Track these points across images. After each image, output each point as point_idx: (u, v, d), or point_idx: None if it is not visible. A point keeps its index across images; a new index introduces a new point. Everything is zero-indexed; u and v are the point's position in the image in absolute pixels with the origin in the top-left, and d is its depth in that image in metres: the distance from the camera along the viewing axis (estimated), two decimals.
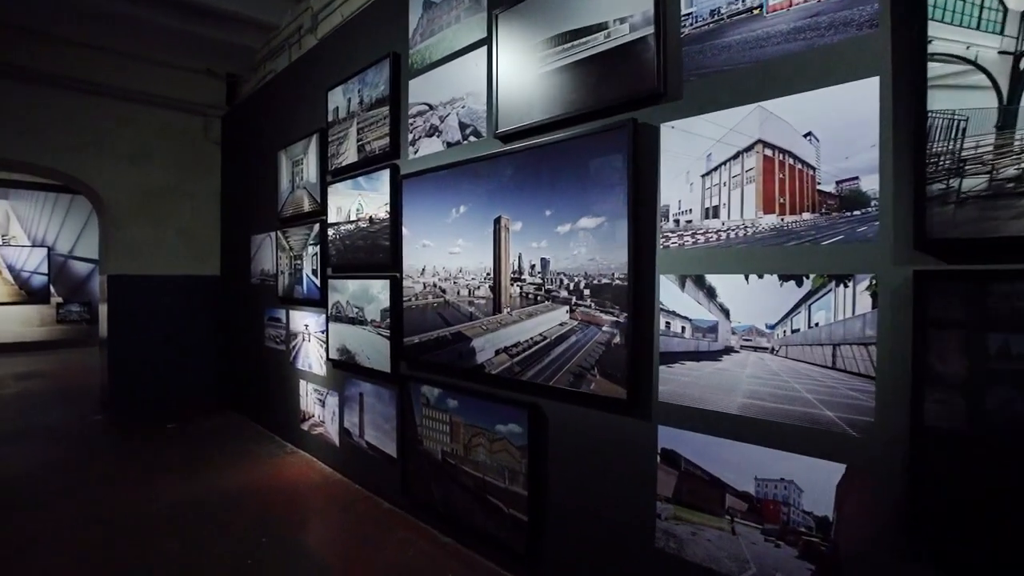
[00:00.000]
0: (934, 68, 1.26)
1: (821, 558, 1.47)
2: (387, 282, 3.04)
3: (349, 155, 3.39)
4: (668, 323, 1.81)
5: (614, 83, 1.93)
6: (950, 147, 1.24)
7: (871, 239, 1.39)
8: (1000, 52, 1.19)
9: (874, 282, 1.38)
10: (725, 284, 1.67)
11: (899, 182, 1.35)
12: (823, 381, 1.47)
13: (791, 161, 1.53)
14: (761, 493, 1.59)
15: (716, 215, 1.69)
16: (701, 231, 1.72)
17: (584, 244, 2.02)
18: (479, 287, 2.48)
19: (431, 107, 2.79)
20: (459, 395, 2.59)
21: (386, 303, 3.06)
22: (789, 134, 1.53)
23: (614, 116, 1.94)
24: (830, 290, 1.46)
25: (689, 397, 1.75)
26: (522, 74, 2.26)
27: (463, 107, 2.60)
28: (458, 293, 2.59)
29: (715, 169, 1.69)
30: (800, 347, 1.52)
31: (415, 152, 2.89)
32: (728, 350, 1.67)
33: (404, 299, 2.92)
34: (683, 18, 1.76)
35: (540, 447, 2.23)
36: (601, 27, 1.96)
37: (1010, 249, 1.18)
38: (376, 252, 3.14)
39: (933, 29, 1.26)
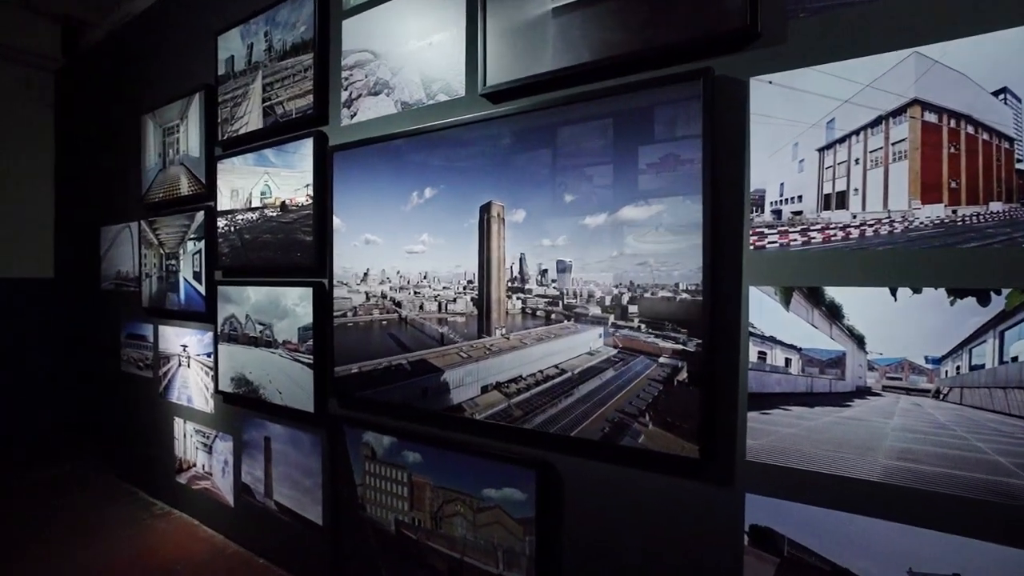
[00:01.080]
0: None
1: None
2: (309, 291, 2.26)
3: (250, 120, 2.53)
4: (763, 353, 1.31)
5: (675, 20, 1.39)
6: None
7: None
8: None
9: None
10: (857, 301, 1.20)
11: None
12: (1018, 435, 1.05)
13: (971, 129, 1.09)
14: None
15: (843, 204, 1.22)
16: (817, 226, 1.24)
17: (629, 242, 1.46)
18: (455, 299, 1.83)
19: (376, 56, 2.08)
20: (423, 446, 1.91)
21: (308, 319, 2.27)
22: (968, 92, 1.09)
23: (675, 66, 1.41)
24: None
25: (796, 455, 1.26)
26: (524, 8, 1.65)
27: (427, 56, 1.93)
28: (421, 307, 1.91)
29: (841, 141, 1.22)
30: (985, 390, 1.08)
31: (352, 116, 2.15)
32: (862, 392, 1.20)
33: (336, 314, 2.16)
34: None
35: (553, 520, 1.64)
36: None
37: None
38: (292, 250, 2.34)
39: None
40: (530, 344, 1.66)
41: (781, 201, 1.28)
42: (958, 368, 1.10)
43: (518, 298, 1.69)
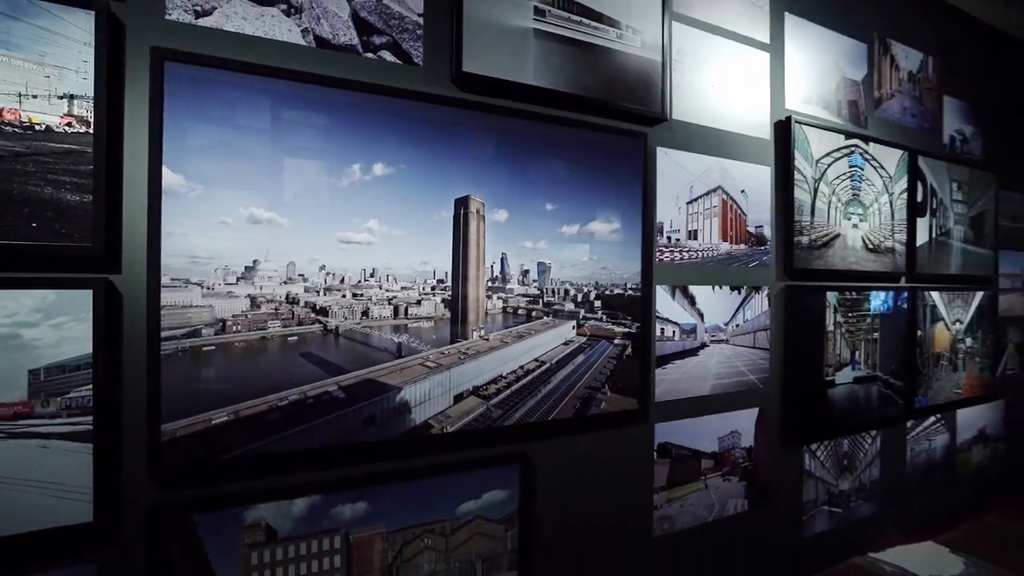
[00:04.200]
0: (796, 175, 2.38)
1: (748, 473, 2.30)
2: (74, 296, 1.24)
3: None
4: (662, 329, 2.09)
5: (626, 89, 1.95)
6: (797, 219, 2.39)
7: (768, 265, 2.36)
8: (812, 176, 2.44)
9: (769, 291, 2.36)
10: (700, 293, 2.18)
11: (775, 233, 2.38)
12: (749, 357, 2.31)
13: (735, 206, 2.27)
14: (721, 448, 2.23)
15: (696, 237, 2.17)
16: (686, 249, 2.14)
17: (595, 250, 1.90)
18: (419, 301, 1.63)
19: None
20: (370, 489, 1.55)
21: (68, 351, 1.24)
22: (734, 187, 2.26)
23: (621, 122, 1.97)
24: (752, 296, 2.31)
25: (677, 391, 2.12)
26: (502, 11, 1.74)
27: None
28: (365, 313, 1.55)
29: (696, 199, 2.16)
30: (740, 336, 2.28)
31: (200, 14, 1.38)
32: (703, 346, 2.19)
33: (177, 331, 1.32)
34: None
35: (531, 506, 1.81)
36: (614, 23, 1.93)
37: (819, 276, 2.45)
38: (8, 216, 1.18)
39: (796, 156, 2.38)
40: (511, 342, 1.77)
41: (672, 231, 2.11)
42: (733, 327, 2.26)
43: (499, 298, 1.75)
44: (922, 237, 2.90)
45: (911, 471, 2.96)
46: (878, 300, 2.69)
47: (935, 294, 2.98)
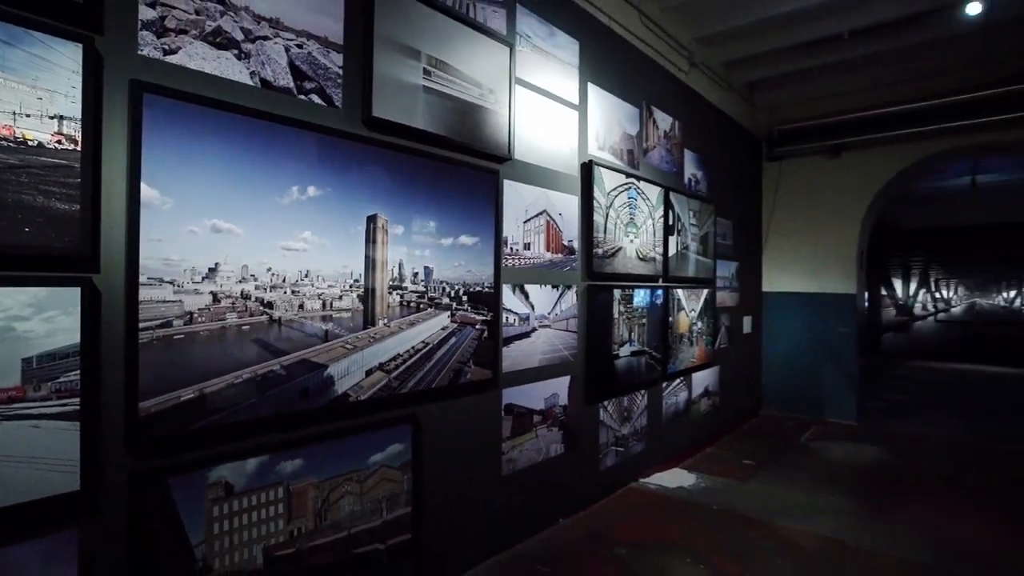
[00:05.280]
0: (595, 203, 3.32)
1: (563, 423, 3.17)
2: (62, 293, 1.46)
3: None
4: (507, 317, 2.81)
5: (484, 135, 2.62)
6: (595, 236, 3.34)
7: (576, 270, 3.25)
8: (605, 204, 3.41)
9: (576, 288, 3.25)
10: (532, 290, 2.96)
11: (581, 245, 3.29)
12: (565, 338, 3.17)
13: (555, 225, 3.10)
14: (546, 406, 3.05)
15: (529, 248, 2.94)
16: (522, 257, 2.90)
17: (463, 257, 2.54)
18: (341, 297, 2.08)
19: (225, 2, 1.76)
20: (305, 449, 1.96)
21: (57, 340, 1.46)
22: (555, 211, 3.09)
23: (481, 160, 2.63)
24: (566, 292, 3.18)
25: (516, 364, 2.87)
26: (400, 70, 2.27)
27: (301, 46, 1.96)
28: (301, 307, 1.96)
29: (529, 220, 2.93)
30: (559, 322, 3.13)
31: (166, 51, 1.65)
32: (534, 330, 2.97)
33: (152, 323, 1.60)
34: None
35: (420, 455, 2.36)
36: (477, 84, 2.58)
37: (608, 278, 3.43)
38: (9, 221, 1.36)
39: (595, 190, 3.32)
40: (406, 328, 2.31)
41: (514, 243, 2.84)
42: (554, 315, 3.09)
43: (397, 294, 2.27)
44: (672, 250, 4.14)
45: (665, 418, 4.19)
46: (641, 295, 3.81)
47: (680, 291, 4.27)
